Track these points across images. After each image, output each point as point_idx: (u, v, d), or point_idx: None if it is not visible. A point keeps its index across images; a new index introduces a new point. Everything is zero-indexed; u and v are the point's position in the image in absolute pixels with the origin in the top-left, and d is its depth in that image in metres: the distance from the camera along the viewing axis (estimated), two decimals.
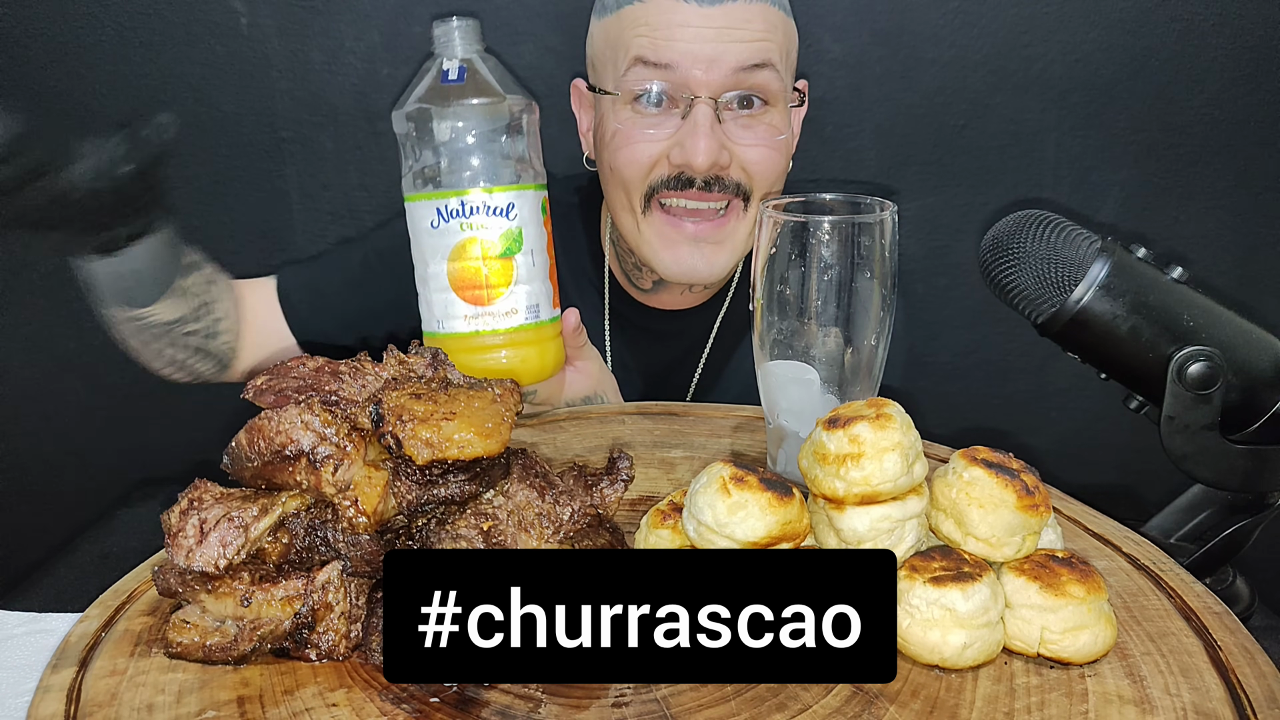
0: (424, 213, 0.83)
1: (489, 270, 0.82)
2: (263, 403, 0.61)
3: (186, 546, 0.56)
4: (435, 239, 0.83)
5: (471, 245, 0.82)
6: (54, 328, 1.62)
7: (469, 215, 0.82)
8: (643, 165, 0.99)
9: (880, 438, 0.58)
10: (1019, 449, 0.63)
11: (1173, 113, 1.51)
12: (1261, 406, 0.78)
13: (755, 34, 0.95)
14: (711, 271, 1.02)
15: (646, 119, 0.98)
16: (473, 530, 0.57)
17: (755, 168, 0.98)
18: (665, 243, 1.01)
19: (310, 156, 1.54)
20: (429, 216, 0.83)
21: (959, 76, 1.50)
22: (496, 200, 0.82)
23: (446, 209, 0.82)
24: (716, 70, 0.94)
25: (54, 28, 1.46)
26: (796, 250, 0.70)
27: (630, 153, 0.99)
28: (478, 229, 0.82)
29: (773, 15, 0.97)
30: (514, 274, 0.83)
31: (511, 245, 0.83)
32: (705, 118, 0.93)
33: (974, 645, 0.55)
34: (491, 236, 0.82)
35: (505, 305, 0.83)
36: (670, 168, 0.98)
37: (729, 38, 0.94)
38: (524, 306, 0.84)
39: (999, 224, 0.82)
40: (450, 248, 0.82)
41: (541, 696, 0.54)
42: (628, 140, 0.99)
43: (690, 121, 0.94)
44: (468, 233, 0.82)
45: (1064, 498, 0.78)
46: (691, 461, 0.85)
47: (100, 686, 0.56)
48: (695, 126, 0.94)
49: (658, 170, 0.99)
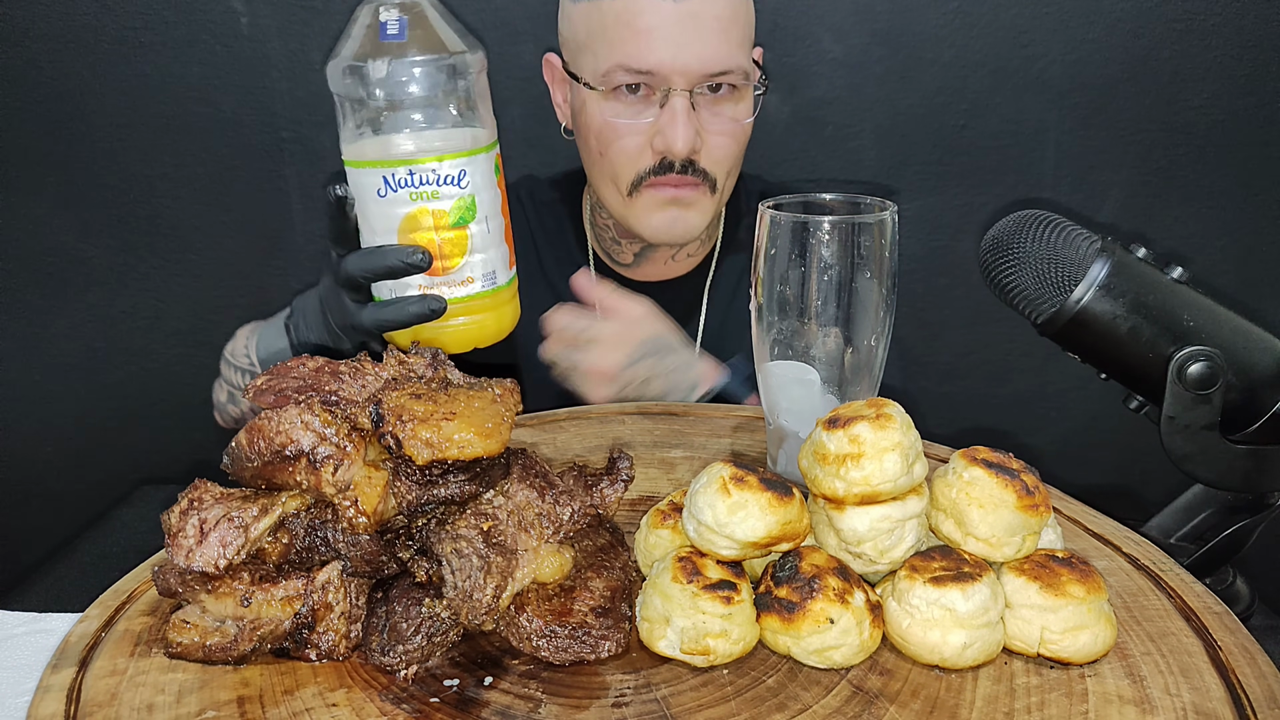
0: (368, 180, 0.77)
1: (443, 241, 0.77)
2: (263, 403, 0.61)
3: (186, 546, 0.56)
4: (383, 208, 0.77)
5: (423, 216, 0.77)
6: (54, 328, 1.62)
7: (419, 185, 0.76)
8: (630, 156, 1.08)
9: (880, 438, 0.58)
10: (1019, 449, 0.63)
11: (1173, 113, 1.51)
12: (1262, 406, 0.78)
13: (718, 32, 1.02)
14: (687, 230, 1.11)
15: (628, 108, 1.06)
16: (473, 530, 0.58)
17: (718, 153, 1.08)
18: (648, 210, 1.11)
19: (310, 156, 1.54)
20: (374, 184, 0.77)
21: (959, 76, 1.50)
22: (447, 169, 0.76)
23: (394, 178, 0.76)
24: (691, 74, 1.03)
25: (54, 28, 1.46)
26: (796, 250, 0.70)
27: (619, 146, 1.07)
28: (428, 199, 0.76)
29: (739, 8, 1.05)
30: (469, 243, 0.79)
31: (465, 214, 0.78)
32: (682, 109, 1.03)
33: (974, 645, 0.55)
34: (444, 206, 0.77)
35: (461, 275, 0.79)
36: (653, 155, 1.07)
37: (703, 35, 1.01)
38: (480, 275, 0.80)
39: (999, 224, 0.82)
40: (400, 217, 0.77)
41: (541, 696, 0.54)
42: (615, 135, 1.07)
43: (669, 111, 1.03)
44: (418, 203, 0.76)
45: (1064, 498, 0.78)
46: (691, 461, 0.85)
47: (100, 686, 0.56)
48: (674, 116, 1.03)
49: (643, 159, 1.08)
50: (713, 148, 1.07)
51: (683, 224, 1.10)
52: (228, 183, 1.55)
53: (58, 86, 1.49)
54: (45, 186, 1.55)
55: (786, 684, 0.55)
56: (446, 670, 0.57)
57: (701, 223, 1.11)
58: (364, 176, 0.77)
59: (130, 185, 1.56)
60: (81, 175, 1.54)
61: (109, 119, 1.51)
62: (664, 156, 1.05)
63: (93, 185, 1.55)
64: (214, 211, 1.57)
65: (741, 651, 0.57)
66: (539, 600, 0.58)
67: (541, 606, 0.58)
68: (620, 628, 0.58)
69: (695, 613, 0.56)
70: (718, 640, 0.56)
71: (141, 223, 1.57)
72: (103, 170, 1.55)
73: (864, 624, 0.56)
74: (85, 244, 1.58)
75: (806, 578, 0.57)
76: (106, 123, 1.51)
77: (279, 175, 1.55)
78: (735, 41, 1.04)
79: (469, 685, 0.55)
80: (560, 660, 0.57)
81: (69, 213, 1.56)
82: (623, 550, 0.66)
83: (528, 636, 0.57)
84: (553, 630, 0.57)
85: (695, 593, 0.56)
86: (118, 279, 1.60)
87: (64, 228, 1.57)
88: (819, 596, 0.56)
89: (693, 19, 1.00)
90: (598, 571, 0.62)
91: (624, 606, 0.60)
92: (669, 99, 1.03)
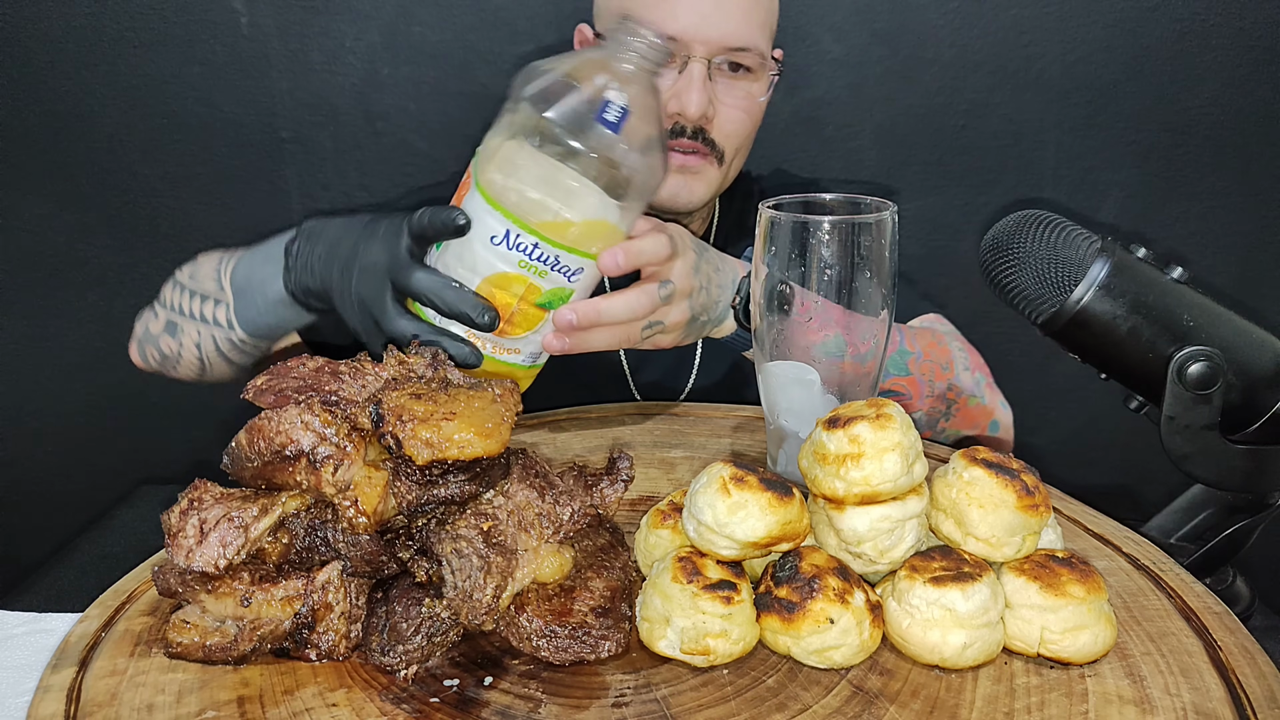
0: (491, 222, 0.71)
1: (519, 311, 0.74)
2: (263, 403, 0.61)
3: (186, 547, 0.56)
4: (487, 253, 0.72)
5: (518, 284, 0.72)
6: (54, 328, 1.62)
7: (534, 259, 0.72)
8: None
9: (880, 438, 0.58)
10: (1019, 449, 0.63)
11: (1173, 113, 1.51)
12: (1262, 406, 0.78)
13: (743, 9, 1.05)
14: (690, 198, 1.11)
15: None
16: (473, 530, 0.57)
17: (730, 126, 1.09)
18: None
19: (310, 156, 1.54)
20: (494, 230, 0.71)
21: (959, 76, 1.50)
22: (569, 260, 0.72)
23: (515, 239, 0.71)
24: (712, 44, 1.05)
25: (54, 28, 1.46)
26: (796, 250, 0.70)
27: None
28: (534, 274, 0.72)
29: None
30: (539, 324, 0.75)
31: (555, 301, 0.75)
32: (699, 74, 1.05)
33: (974, 645, 0.55)
34: (543, 286, 0.73)
35: (513, 345, 0.76)
36: (668, 118, 1.08)
37: (728, 9, 1.04)
38: (527, 352, 0.77)
39: (999, 224, 0.82)
40: (497, 271, 0.72)
41: (542, 697, 0.54)
42: None
43: (686, 76, 1.05)
44: (523, 271, 0.72)
45: (1064, 498, 0.78)
46: (691, 461, 0.85)
47: (100, 686, 0.56)
48: (690, 81, 1.05)
49: None
50: (724, 120, 1.08)
51: (687, 192, 1.11)
52: (228, 183, 1.55)
53: (58, 86, 1.49)
54: (45, 186, 1.55)
55: (786, 684, 0.55)
56: (446, 670, 0.57)
57: (706, 193, 1.12)
58: (488, 215, 0.72)
59: (130, 185, 1.56)
60: (81, 175, 1.54)
61: (109, 118, 1.51)
62: (677, 120, 1.07)
63: (93, 185, 1.55)
64: (214, 211, 1.56)
65: (741, 651, 0.57)
66: (539, 600, 0.58)
67: (541, 606, 0.58)
68: (620, 628, 0.58)
69: (695, 613, 0.56)
70: (718, 640, 0.56)
71: (141, 223, 1.57)
72: (103, 170, 1.55)
73: (864, 624, 0.56)
74: (85, 244, 1.58)
75: (806, 578, 0.57)
76: (106, 122, 1.51)
77: (279, 175, 1.55)
78: (757, 23, 1.07)
79: (469, 685, 0.55)
80: (560, 660, 0.57)
81: (69, 213, 1.56)
82: (623, 550, 0.66)
83: (528, 636, 0.57)
84: (553, 630, 0.57)
85: (695, 593, 0.56)
86: (118, 279, 1.60)
87: (64, 228, 1.57)
88: (819, 596, 0.56)
89: None
90: (598, 571, 0.62)
91: (624, 606, 0.60)
92: (688, 65, 1.05)
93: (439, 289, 0.73)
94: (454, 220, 0.72)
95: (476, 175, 0.74)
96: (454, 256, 0.74)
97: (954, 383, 1.00)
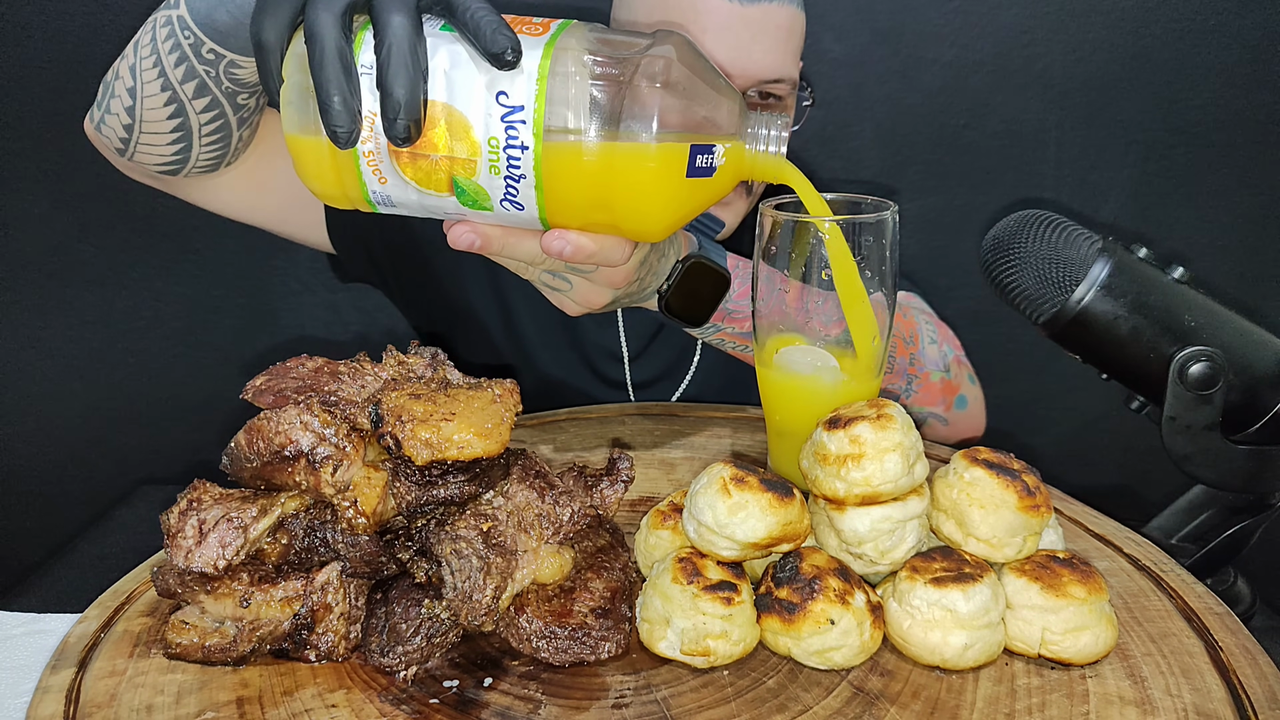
0: (522, 81, 0.56)
1: (435, 164, 0.58)
2: (262, 403, 0.61)
3: (186, 547, 0.56)
4: (480, 91, 0.56)
5: (465, 146, 0.57)
6: (54, 328, 1.62)
7: (506, 157, 0.57)
8: None
9: (881, 438, 0.58)
10: (1020, 450, 0.63)
11: (1173, 113, 1.51)
12: (1263, 407, 0.78)
13: (780, 40, 1.01)
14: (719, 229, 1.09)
15: None
16: (472, 531, 0.57)
17: None
18: None
19: None
20: (515, 91, 0.56)
21: (959, 76, 1.50)
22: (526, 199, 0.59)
23: (517, 123, 0.55)
24: (747, 77, 1.01)
25: (54, 28, 1.46)
26: (797, 250, 0.69)
27: None
28: (487, 163, 0.58)
29: (797, 21, 1.04)
30: (430, 190, 0.59)
31: (469, 197, 0.59)
32: None
33: (975, 646, 0.55)
34: (480, 180, 0.58)
35: (388, 173, 0.59)
36: None
37: (764, 42, 0.99)
38: (385, 195, 0.61)
39: (1000, 224, 0.82)
40: (465, 115, 0.56)
41: (541, 697, 0.54)
42: None
43: None
44: (485, 149, 0.57)
45: (1065, 498, 0.78)
46: (692, 462, 0.85)
47: (99, 687, 0.56)
48: None
49: None
50: None
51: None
52: None
53: (58, 86, 1.49)
54: (45, 186, 1.54)
55: (787, 685, 0.55)
56: (446, 671, 0.57)
57: (734, 223, 1.11)
58: (524, 79, 0.56)
59: (130, 185, 1.55)
60: (81, 175, 1.54)
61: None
62: None
63: (93, 185, 1.54)
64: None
65: (742, 653, 0.57)
66: (539, 601, 0.58)
67: (541, 607, 0.58)
68: (620, 629, 0.58)
69: (695, 614, 0.56)
70: (718, 641, 0.55)
71: (141, 223, 1.57)
72: (103, 170, 1.54)
73: (865, 625, 0.56)
74: (85, 244, 1.58)
75: (807, 579, 0.57)
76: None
77: None
78: (790, 52, 1.03)
79: (469, 686, 0.55)
80: (560, 661, 0.57)
81: (68, 213, 1.56)
82: (623, 551, 0.66)
83: (527, 637, 0.57)
84: (552, 631, 0.57)
85: (695, 594, 0.56)
86: (117, 279, 1.60)
87: (63, 228, 1.57)
88: (819, 597, 0.56)
89: (756, 25, 0.99)
90: (598, 572, 0.62)
91: (624, 607, 0.60)
92: None
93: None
94: (505, 43, 0.54)
95: (557, 40, 0.57)
96: (444, 56, 0.57)
97: (917, 356, 0.98)
